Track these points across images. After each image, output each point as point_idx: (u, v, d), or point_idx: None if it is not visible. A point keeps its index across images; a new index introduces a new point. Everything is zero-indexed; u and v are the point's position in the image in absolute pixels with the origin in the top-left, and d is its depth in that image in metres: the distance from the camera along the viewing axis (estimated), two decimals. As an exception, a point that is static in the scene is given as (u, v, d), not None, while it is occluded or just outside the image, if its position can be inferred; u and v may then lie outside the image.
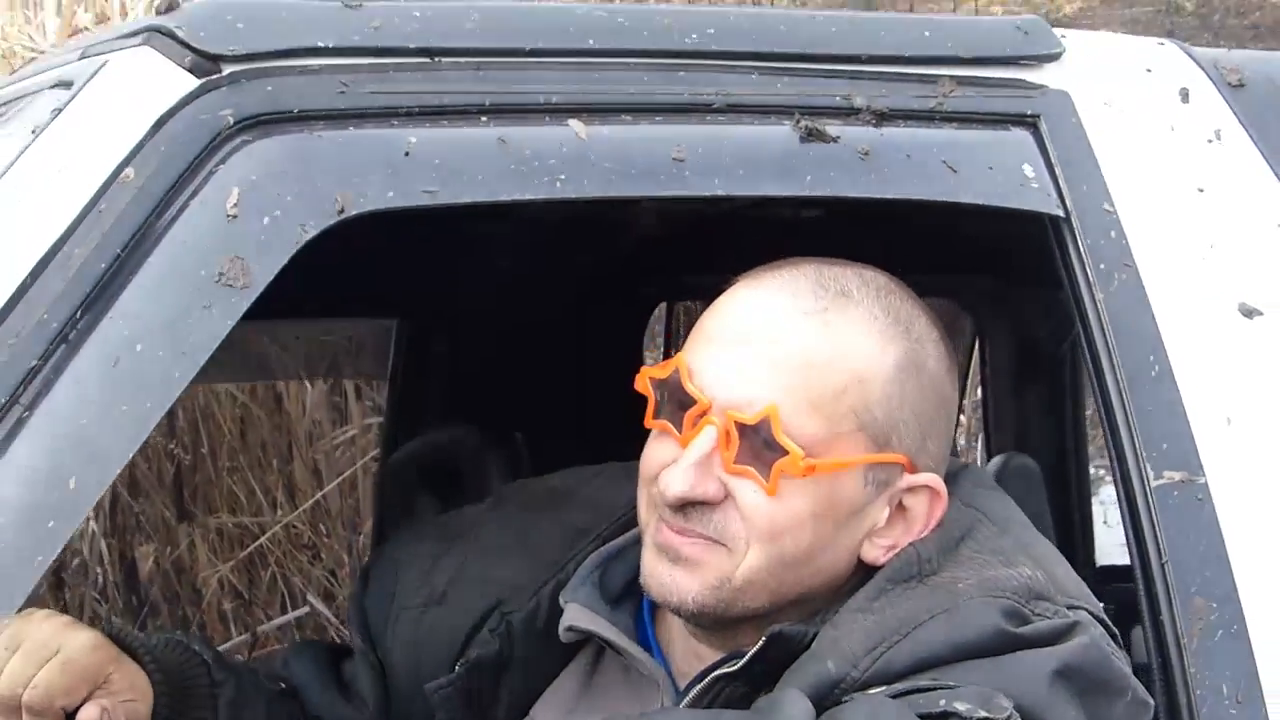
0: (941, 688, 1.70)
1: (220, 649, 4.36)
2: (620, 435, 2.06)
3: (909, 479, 1.85)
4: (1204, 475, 2.04)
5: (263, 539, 4.70)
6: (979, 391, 3.94)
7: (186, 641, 2.06)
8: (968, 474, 2.01)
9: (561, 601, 1.99)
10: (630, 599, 2.01)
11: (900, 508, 1.87)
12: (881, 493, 1.86)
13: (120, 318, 1.69)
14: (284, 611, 4.71)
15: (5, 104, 2.12)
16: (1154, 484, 2.02)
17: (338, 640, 4.80)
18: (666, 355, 3.79)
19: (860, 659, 1.75)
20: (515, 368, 3.20)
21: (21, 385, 1.64)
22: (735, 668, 1.83)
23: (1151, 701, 1.85)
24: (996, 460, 3.47)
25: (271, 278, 1.73)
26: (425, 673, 2.08)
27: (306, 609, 4.55)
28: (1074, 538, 3.49)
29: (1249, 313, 2.15)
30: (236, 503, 4.99)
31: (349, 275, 2.64)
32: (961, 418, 3.99)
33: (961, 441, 4.95)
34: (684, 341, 1.98)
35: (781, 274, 1.87)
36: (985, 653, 1.73)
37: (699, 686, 1.88)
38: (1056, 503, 3.38)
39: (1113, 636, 1.84)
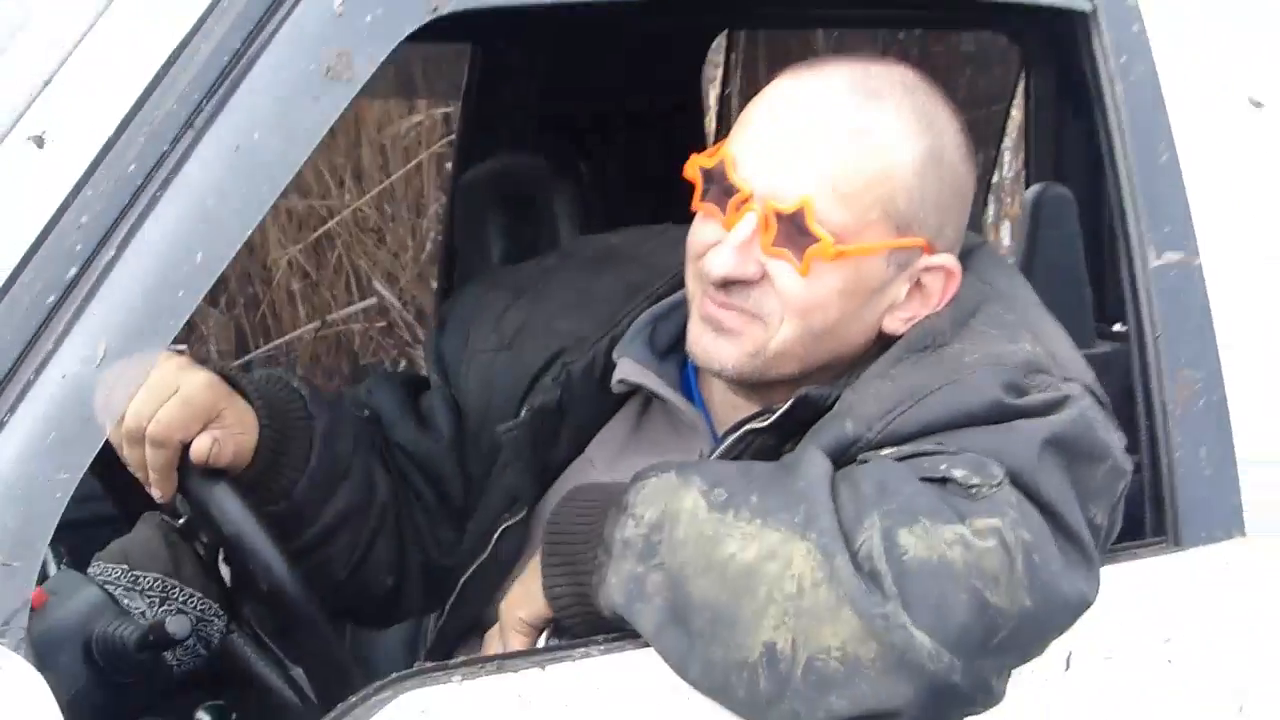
0: (943, 453, 1.86)
1: (290, 336, 4.53)
2: (675, 170, 2.14)
3: (926, 259, 2.02)
4: (1199, 258, 2.19)
5: (331, 222, 4.83)
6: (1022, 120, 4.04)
7: (286, 378, 2.22)
8: (983, 251, 2.17)
9: (615, 356, 2.14)
10: (677, 353, 2.16)
11: (918, 284, 2.03)
12: (902, 272, 2.02)
13: (239, 108, 1.77)
14: (349, 294, 4.84)
15: None
16: (1153, 263, 2.17)
17: (402, 324, 5.02)
18: (724, 82, 3.86)
19: (875, 422, 1.92)
20: (581, 98, 3.27)
21: (154, 169, 1.74)
22: (766, 423, 2.00)
23: (1128, 468, 2.00)
24: (1035, 188, 3.60)
25: (373, 71, 1.83)
26: (494, 412, 2.25)
27: (374, 300, 4.66)
28: (1104, 264, 3.63)
29: (1256, 105, 2.29)
30: (305, 186, 5.05)
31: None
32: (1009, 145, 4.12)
33: (1008, 171, 5.06)
34: (737, 110, 2.16)
35: (820, 73, 2.03)
36: (985, 421, 1.88)
37: (733, 437, 2.04)
38: (1089, 229, 3.55)
39: (1102, 405, 2.00)
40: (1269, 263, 2.30)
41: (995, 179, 4.08)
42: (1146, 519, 2.20)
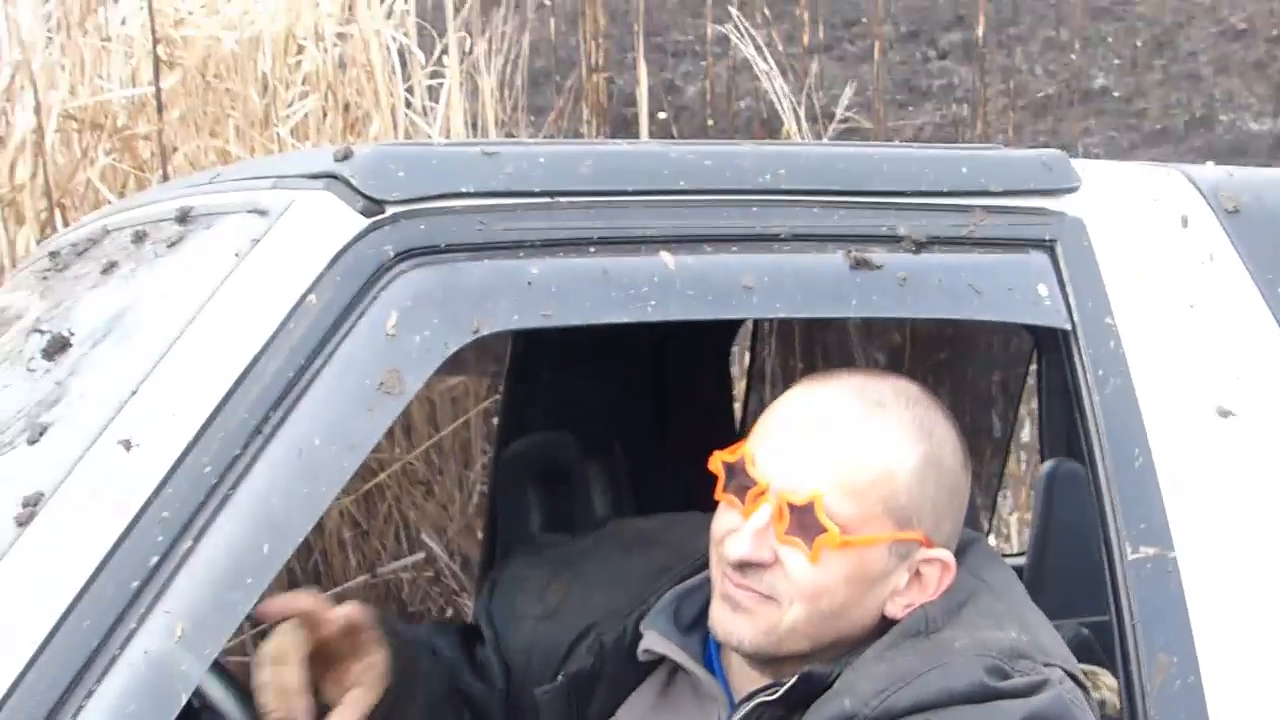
0: None
1: (343, 586, 4.61)
2: (701, 447, 2.30)
3: (924, 552, 2.15)
4: (1174, 551, 2.26)
5: (382, 475, 4.87)
6: (1035, 401, 4.11)
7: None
8: (977, 547, 2.29)
9: (642, 629, 2.28)
10: (700, 628, 2.27)
11: (917, 574, 2.16)
12: (902, 562, 2.15)
13: (303, 418, 1.93)
14: (398, 542, 4.88)
15: (207, 214, 2.31)
16: (1129, 557, 2.25)
17: (449, 574, 5.11)
18: (750, 369, 3.98)
19: (870, 700, 2.02)
20: (613, 387, 3.37)
21: (227, 470, 1.89)
22: (774, 696, 2.12)
23: None
24: (1049, 463, 3.70)
25: (420, 386, 1.99)
26: (534, 673, 2.39)
27: (423, 554, 4.73)
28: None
29: (1224, 414, 2.35)
30: None
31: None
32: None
33: (1026, 436, 5.15)
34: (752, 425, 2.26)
35: (830, 384, 2.20)
36: (969, 700, 1.99)
37: (746, 707, 2.16)
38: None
39: (1083, 688, 2.09)
40: (1240, 556, 2.33)
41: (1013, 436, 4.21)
42: None
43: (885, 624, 2.18)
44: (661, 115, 9.26)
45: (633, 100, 6.29)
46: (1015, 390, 3.94)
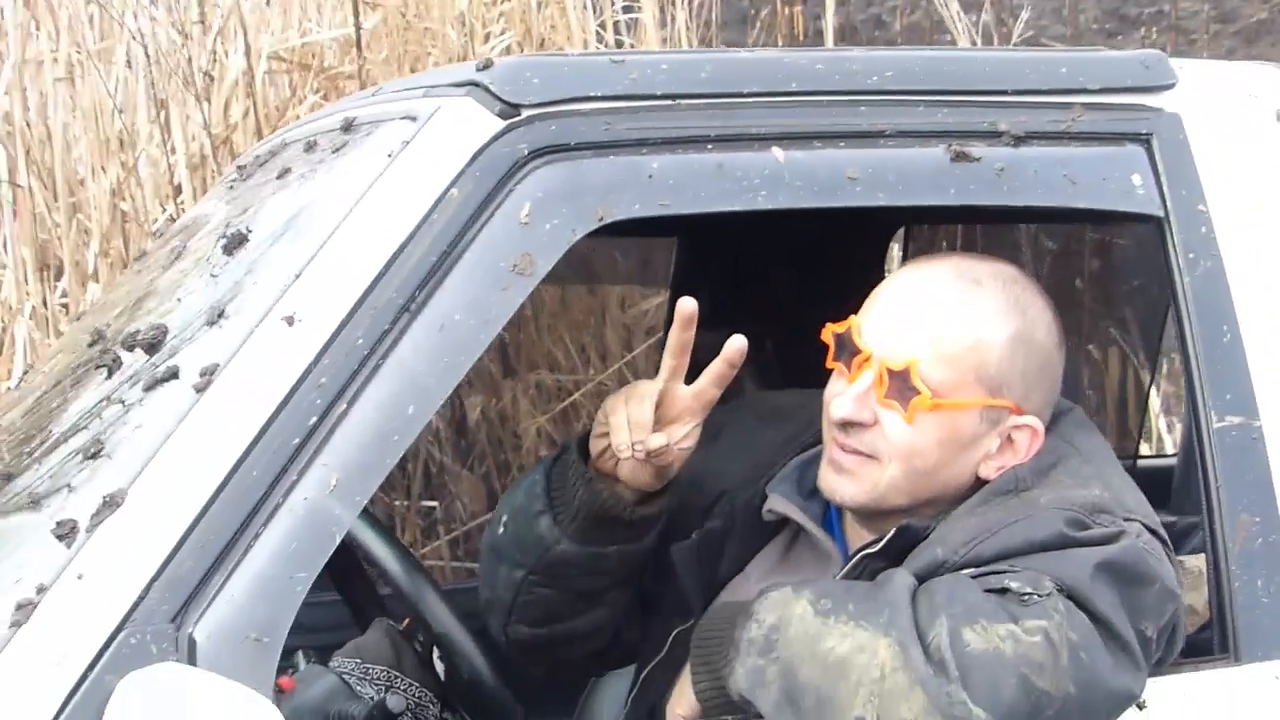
0: (1008, 571, 2.07)
1: None
2: None
3: (1014, 419, 2.27)
4: (1259, 420, 2.34)
5: (577, 394, 4.99)
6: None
7: None
8: (1071, 416, 2.39)
9: (768, 492, 2.41)
10: (821, 493, 2.40)
11: (1009, 439, 2.28)
12: (993, 428, 2.27)
13: (445, 296, 2.06)
14: None
15: (368, 123, 2.43)
16: (1215, 425, 2.33)
17: None
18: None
19: (959, 549, 2.15)
20: (773, 286, 3.46)
21: (378, 342, 2.03)
22: (876, 549, 2.25)
23: (1178, 592, 2.17)
24: None
25: (549, 268, 2.11)
26: (674, 534, 2.47)
27: None
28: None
29: None
30: (555, 361, 5.21)
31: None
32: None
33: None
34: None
35: (932, 265, 2.33)
36: (1047, 548, 2.10)
37: (853, 560, 2.28)
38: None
39: (1162, 541, 2.18)
40: None
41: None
42: (1214, 638, 2.33)
43: (979, 485, 2.30)
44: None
45: (823, 34, 6.27)
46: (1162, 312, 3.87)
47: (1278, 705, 2.28)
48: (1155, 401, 5.13)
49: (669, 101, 2.25)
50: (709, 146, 2.24)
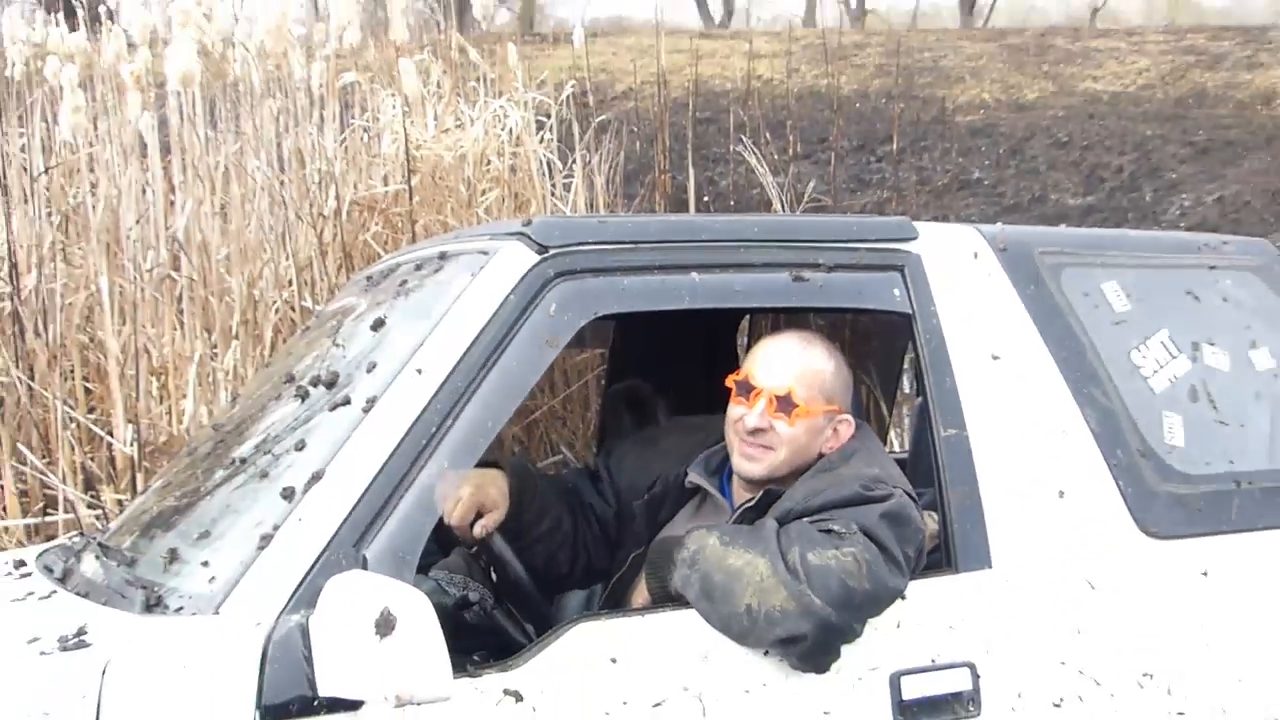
0: (831, 520, 2.15)
1: None
2: (721, 386, 2.47)
3: (840, 417, 2.40)
4: (967, 431, 2.39)
5: (537, 414, 4.83)
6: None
7: (531, 468, 2.59)
8: (862, 426, 2.49)
9: (688, 471, 2.51)
10: (719, 471, 2.50)
11: (835, 430, 2.40)
12: (830, 423, 2.40)
13: (508, 356, 2.12)
14: (546, 455, 4.84)
15: (454, 254, 2.43)
16: (943, 434, 2.39)
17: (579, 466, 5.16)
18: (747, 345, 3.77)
19: (800, 502, 2.23)
20: (674, 355, 3.39)
21: (470, 384, 2.10)
22: (751, 504, 2.35)
23: (924, 529, 2.24)
24: (920, 399, 3.72)
25: (566, 342, 2.19)
26: (632, 494, 2.58)
27: (560, 457, 4.73)
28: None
29: (995, 357, 2.46)
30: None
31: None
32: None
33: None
34: (745, 358, 2.47)
35: (783, 336, 2.49)
36: (852, 504, 2.19)
37: (737, 513, 2.37)
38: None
39: (913, 499, 2.25)
40: (1004, 433, 2.41)
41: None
42: (943, 558, 2.34)
43: (818, 459, 2.41)
44: (705, 199, 9.40)
45: (685, 190, 6.23)
46: (900, 360, 3.81)
47: (982, 597, 2.29)
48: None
49: (633, 245, 2.32)
50: (656, 272, 2.30)
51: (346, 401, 2.15)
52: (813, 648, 2.06)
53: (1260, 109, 14.13)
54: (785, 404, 2.36)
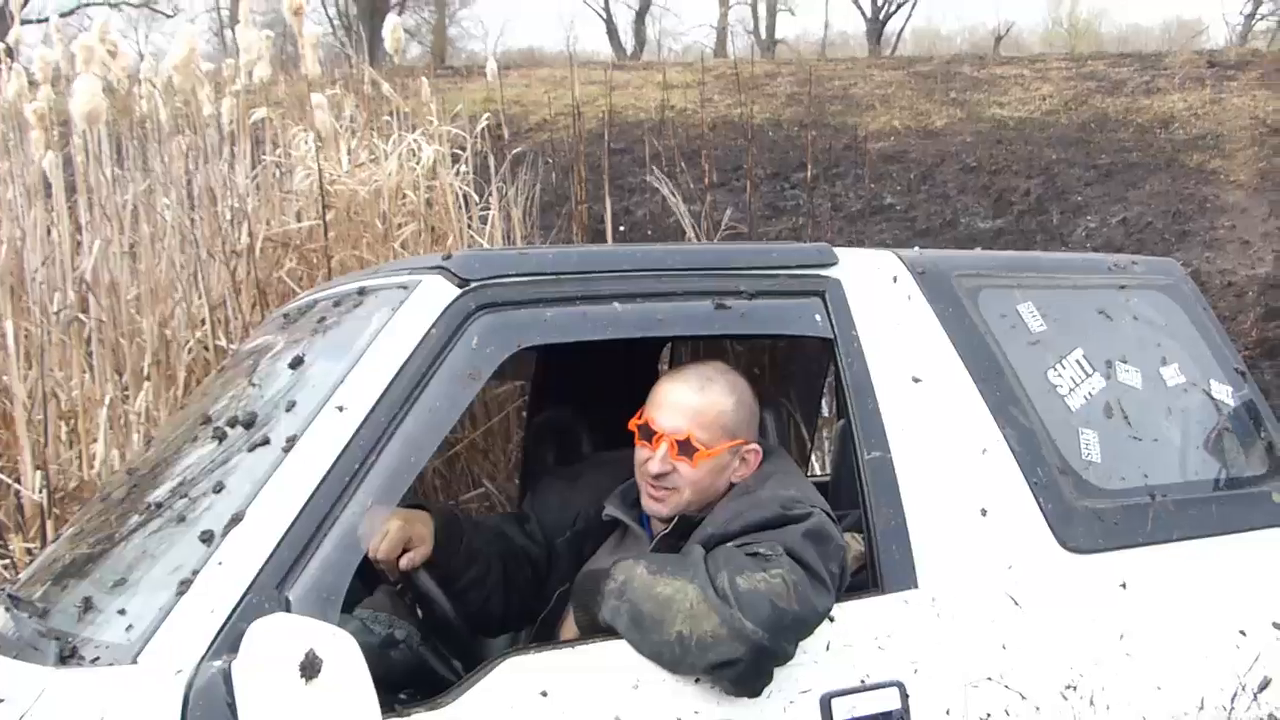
0: (756, 543, 2.16)
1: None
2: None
3: (745, 448, 2.41)
4: (890, 453, 2.41)
5: (458, 446, 4.78)
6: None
7: (457, 511, 2.58)
8: (777, 450, 2.53)
9: (606, 505, 2.52)
10: (638, 505, 2.48)
11: (743, 459, 2.40)
12: (735, 456, 2.39)
13: (430, 391, 2.10)
14: (468, 486, 4.81)
15: (374, 290, 2.41)
16: (867, 457, 2.40)
17: (499, 503, 4.91)
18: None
19: (722, 526, 2.24)
20: (596, 385, 3.31)
21: (392, 420, 2.07)
22: (668, 531, 2.37)
23: (845, 545, 2.26)
24: (840, 422, 3.64)
25: (488, 375, 2.17)
26: (556, 532, 2.59)
27: (482, 489, 4.72)
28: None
29: (916, 380, 2.49)
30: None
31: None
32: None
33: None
34: (649, 397, 2.45)
35: (681, 374, 2.47)
36: (771, 525, 2.20)
37: (655, 541, 2.39)
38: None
39: (831, 518, 2.26)
40: (925, 458, 2.43)
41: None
42: (868, 579, 2.35)
43: (730, 488, 2.41)
44: (621, 229, 9.37)
45: (602, 220, 6.30)
46: (821, 384, 3.87)
47: (906, 617, 2.31)
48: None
49: (554, 276, 2.31)
50: (577, 302, 2.30)
51: (266, 441, 2.12)
52: (746, 672, 2.06)
53: (1159, 132, 14.50)
54: (685, 447, 2.37)
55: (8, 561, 3.85)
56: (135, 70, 5.66)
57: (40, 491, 3.99)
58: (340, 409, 2.08)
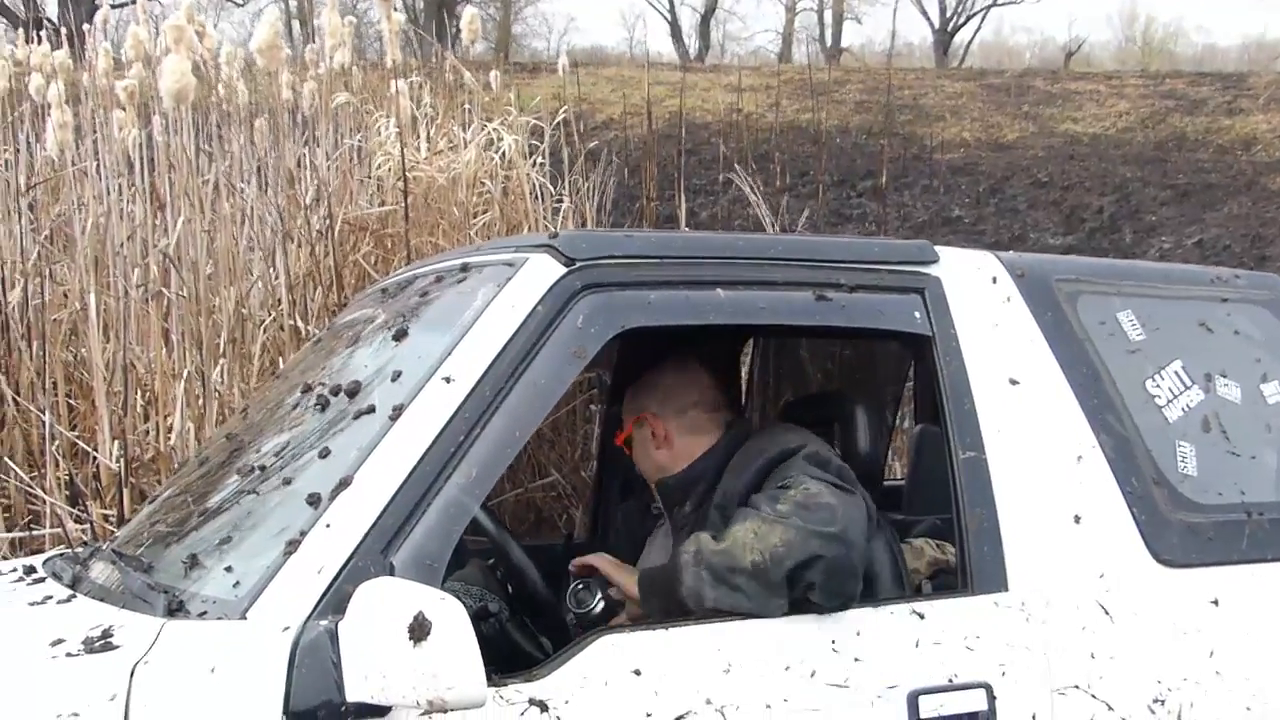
0: (770, 481, 2.35)
1: (501, 498, 4.58)
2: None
3: (706, 416, 2.63)
4: (985, 454, 2.40)
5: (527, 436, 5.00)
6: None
7: None
8: (738, 419, 2.68)
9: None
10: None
11: (710, 420, 2.63)
12: (690, 421, 2.64)
13: (536, 366, 2.12)
14: (535, 475, 4.87)
15: (477, 266, 2.43)
16: (961, 457, 2.40)
17: (565, 494, 4.92)
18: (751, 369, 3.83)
19: (737, 479, 2.46)
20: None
21: (498, 394, 2.10)
22: (688, 509, 2.54)
23: (835, 460, 2.34)
24: (919, 426, 3.55)
25: (593, 356, 2.20)
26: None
27: (551, 478, 4.77)
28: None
29: (1014, 382, 2.48)
30: None
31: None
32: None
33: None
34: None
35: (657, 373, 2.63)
36: (777, 462, 2.38)
37: (678, 517, 2.54)
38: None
39: (833, 450, 2.42)
40: (1018, 456, 2.43)
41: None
42: (959, 581, 2.35)
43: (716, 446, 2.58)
44: (688, 230, 9.39)
45: (672, 218, 6.45)
46: (899, 389, 3.87)
47: (995, 620, 2.31)
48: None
49: (658, 260, 2.34)
50: (681, 287, 2.31)
51: (371, 409, 2.15)
52: (830, 568, 2.11)
53: (1240, 154, 14.34)
54: (639, 424, 2.61)
55: (86, 526, 3.93)
56: (216, 53, 5.74)
57: (117, 461, 4.07)
58: (447, 380, 2.11)
